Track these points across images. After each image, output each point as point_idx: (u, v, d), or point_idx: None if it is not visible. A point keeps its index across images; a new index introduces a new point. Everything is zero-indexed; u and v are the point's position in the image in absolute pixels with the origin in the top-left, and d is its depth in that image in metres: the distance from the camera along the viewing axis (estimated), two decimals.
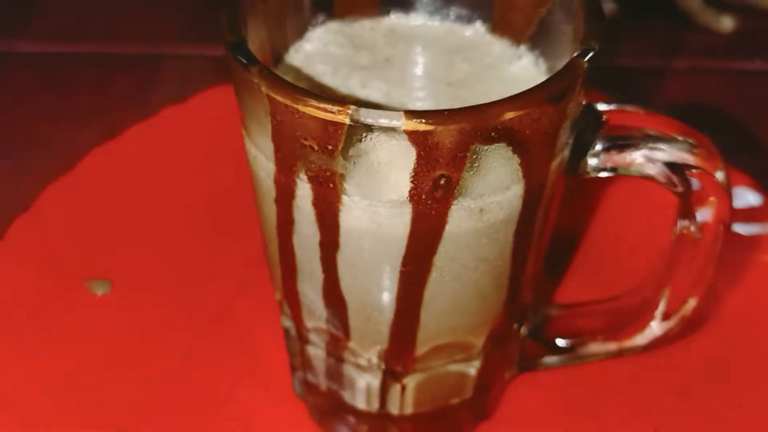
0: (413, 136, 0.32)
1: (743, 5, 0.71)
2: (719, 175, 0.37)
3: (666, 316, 0.42)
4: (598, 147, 0.37)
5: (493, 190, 0.34)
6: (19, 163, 0.59)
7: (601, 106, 0.38)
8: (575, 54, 0.35)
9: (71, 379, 0.45)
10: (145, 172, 0.55)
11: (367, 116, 0.32)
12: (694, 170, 0.37)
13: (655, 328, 0.42)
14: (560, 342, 0.44)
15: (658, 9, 0.71)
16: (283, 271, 0.40)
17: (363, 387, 0.42)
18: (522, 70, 0.42)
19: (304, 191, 0.35)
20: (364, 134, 0.32)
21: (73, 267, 0.50)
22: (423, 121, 0.32)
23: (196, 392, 0.45)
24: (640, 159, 0.37)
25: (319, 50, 0.43)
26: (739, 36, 0.70)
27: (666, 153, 0.37)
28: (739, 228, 0.51)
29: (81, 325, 0.48)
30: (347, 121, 0.32)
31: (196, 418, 0.44)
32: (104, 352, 0.47)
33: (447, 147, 0.32)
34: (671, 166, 0.37)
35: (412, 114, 0.32)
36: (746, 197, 0.52)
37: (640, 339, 0.43)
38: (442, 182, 0.33)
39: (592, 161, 0.38)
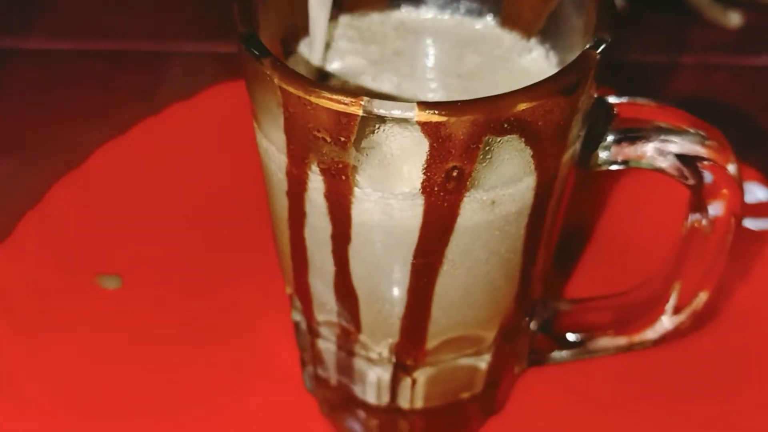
0: (426, 128, 0.32)
1: (750, 1, 0.71)
2: (731, 168, 0.37)
3: (677, 311, 0.42)
4: (610, 139, 0.37)
5: (506, 182, 0.34)
6: (27, 160, 0.59)
7: (613, 99, 0.38)
8: (587, 45, 0.35)
9: (82, 373, 0.45)
10: (152, 168, 0.55)
11: (380, 107, 0.32)
12: (705, 162, 0.37)
13: (666, 322, 0.42)
14: (570, 336, 0.44)
15: (666, 5, 0.71)
16: (294, 265, 0.40)
17: (373, 381, 0.42)
18: (532, 62, 0.42)
19: (316, 183, 0.35)
20: (376, 126, 0.32)
21: (82, 263, 0.50)
22: (436, 112, 0.32)
23: (205, 387, 0.45)
24: (651, 151, 0.37)
25: (329, 44, 0.43)
26: (746, 31, 0.69)
27: (677, 145, 0.37)
28: (748, 223, 0.50)
29: (91, 319, 0.48)
30: (360, 112, 0.32)
31: (206, 413, 0.44)
32: (113, 347, 0.47)
33: (460, 138, 0.32)
34: (682, 158, 0.37)
35: (425, 105, 0.32)
36: (755, 192, 0.52)
37: (651, 333, 0.43)
38: (454, 174, 0.33)
39: (603, 154, 0.38)
